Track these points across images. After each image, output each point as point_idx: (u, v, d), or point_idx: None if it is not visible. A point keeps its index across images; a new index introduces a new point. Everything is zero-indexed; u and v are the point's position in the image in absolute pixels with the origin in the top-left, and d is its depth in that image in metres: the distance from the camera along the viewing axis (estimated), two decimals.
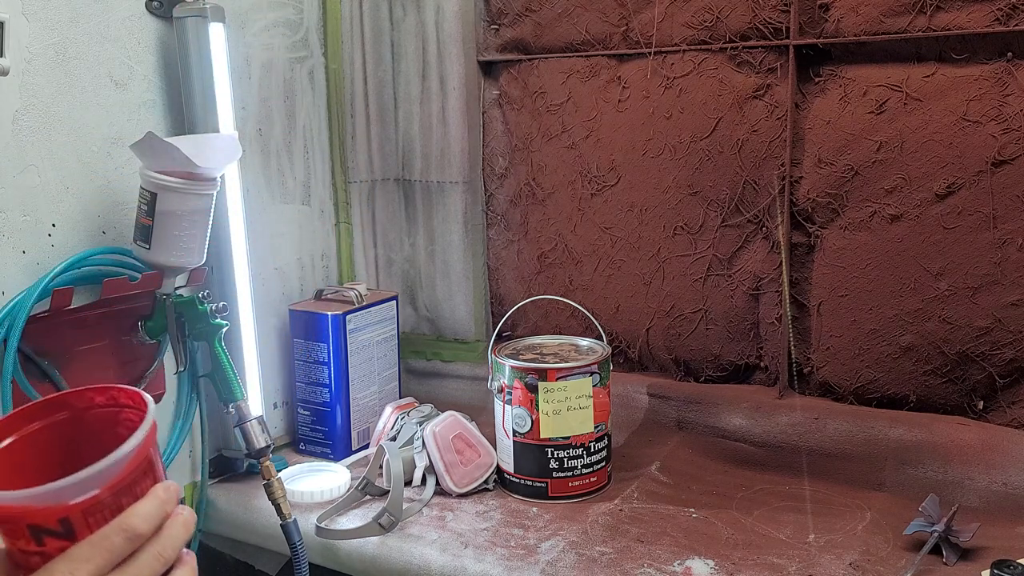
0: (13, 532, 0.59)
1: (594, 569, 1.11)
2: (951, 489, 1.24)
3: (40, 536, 0.58)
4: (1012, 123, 1.22)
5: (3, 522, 0.59)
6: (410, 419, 1.42)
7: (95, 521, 0.59)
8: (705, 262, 1.50)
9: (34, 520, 0.58)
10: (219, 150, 1.22)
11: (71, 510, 0.58)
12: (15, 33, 1.14)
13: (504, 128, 1.67)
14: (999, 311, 1.27)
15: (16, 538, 0.59)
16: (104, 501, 0.59)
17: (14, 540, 0.59)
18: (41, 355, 1.19)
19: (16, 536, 0.59)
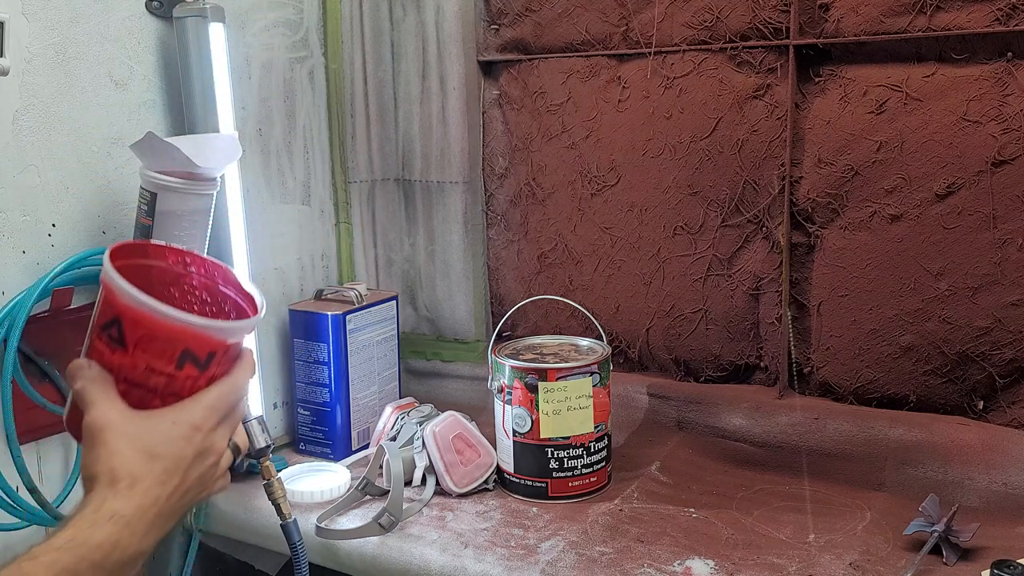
0: (163, 351, 0.65)
1: (594, 569, 1.11)
2: (951, 489, 1.24)
3: (184, 362, 0.65)
4: (1012, 123, 1.22)
5: (165, 339, 0.64)
6: (410, 419, 1.42)
7: (221, 363, 0.68)
8: (705, 262, 1.50)
9: (193, 346, 0.65)
10: (219, 150, 1.22)
11: (220, 347, 0.66)
12: (15, 33, 1.14)
13: (504, 128, 1.67)
14: (999, 311, 1.27)
15: (159, 356, 0.65)
16: (232, 351, 0.68)
17: (155, 358, 0.65)
18: (41, 355, 1.19)
19: (160, 354, 0.65)
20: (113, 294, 0.64)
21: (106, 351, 0.66)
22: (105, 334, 0.65)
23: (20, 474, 1.14)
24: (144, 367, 0.65)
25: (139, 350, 0.64)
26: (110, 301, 0.65)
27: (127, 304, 0.64)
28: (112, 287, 0.64)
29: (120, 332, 0.64)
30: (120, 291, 0.64)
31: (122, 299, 0.64)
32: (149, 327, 0.64)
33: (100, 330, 0.66)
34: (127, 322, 0.64)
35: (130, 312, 0.64)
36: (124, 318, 0.64)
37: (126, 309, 0.64)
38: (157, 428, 0.65)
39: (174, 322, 0.64)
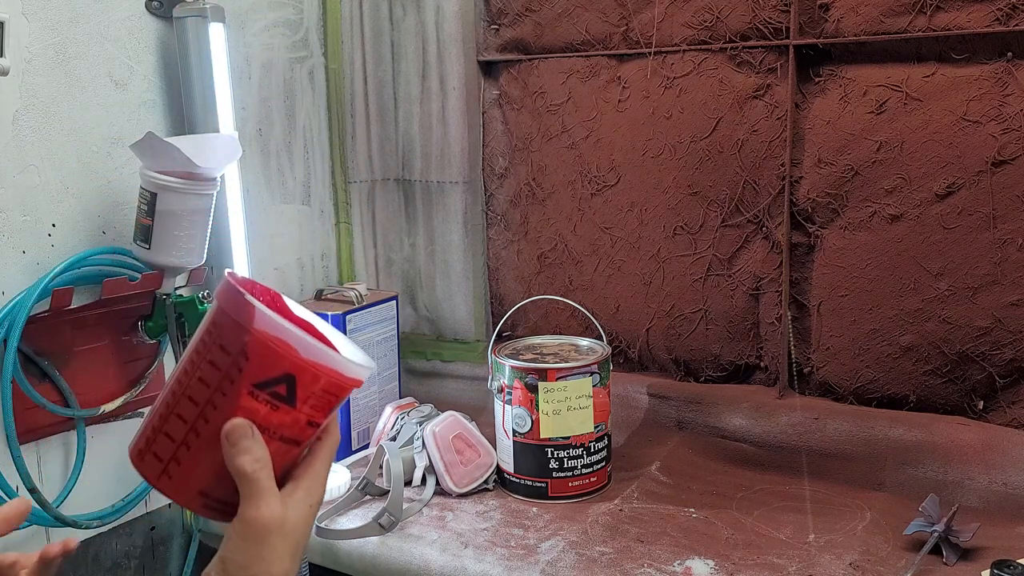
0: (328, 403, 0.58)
1: (594, 569, 1.11)
2: (951, 489, 1.24)
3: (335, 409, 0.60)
4: (1012, 123, 1.22)
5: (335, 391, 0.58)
6: (410, 419, 1.42)
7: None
8: (705, 262, 1.50)
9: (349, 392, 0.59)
10: (219, 150, 1.23)
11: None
12: (15, 33, 1.14)
13: (504, 128, 1.67)
14: (999, 311, 1.27)
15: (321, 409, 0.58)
16: None
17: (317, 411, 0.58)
18: (41, 355, 1.19)
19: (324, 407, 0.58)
20: (285, 348, 0.55)
21: (262, 410, 0.57)
22: (266, 392, 0.56)
23: (20, 474, 1.14)
24: (305, 422, 0.58)
25: (307, 405, 0.57)
26: (277, 356, 0.55)
27: (309, 360, 0.56)
28: (284, 339, 0.55)
29: (291, 390, 0.56)
30: (301, 345, 0.56)
31: (303, 354, 0.56)
32: (327, 380, 0.57)
33: (257, 388, 0.56)
34: (304, 378, 0.56)
35: (310, 368, 0.56)
36: (301, 375, 0.56)
37: (306, 365, 0.56)
38: (302, 518, 0.60)
39: (357, 373, 0.58)
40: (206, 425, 0.57)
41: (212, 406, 0.57)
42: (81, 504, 1.25)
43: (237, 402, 0.56)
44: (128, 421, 1.32)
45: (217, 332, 0.57)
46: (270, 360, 0.56)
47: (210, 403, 0.57)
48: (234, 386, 0.56)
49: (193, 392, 0.57)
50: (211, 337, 0.57)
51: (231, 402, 0.56)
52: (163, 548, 1.42)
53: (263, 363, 0.56)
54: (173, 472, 0.58)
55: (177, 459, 0.58)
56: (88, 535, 1.28)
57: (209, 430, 0.57)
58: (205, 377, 0.57)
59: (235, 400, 0.56)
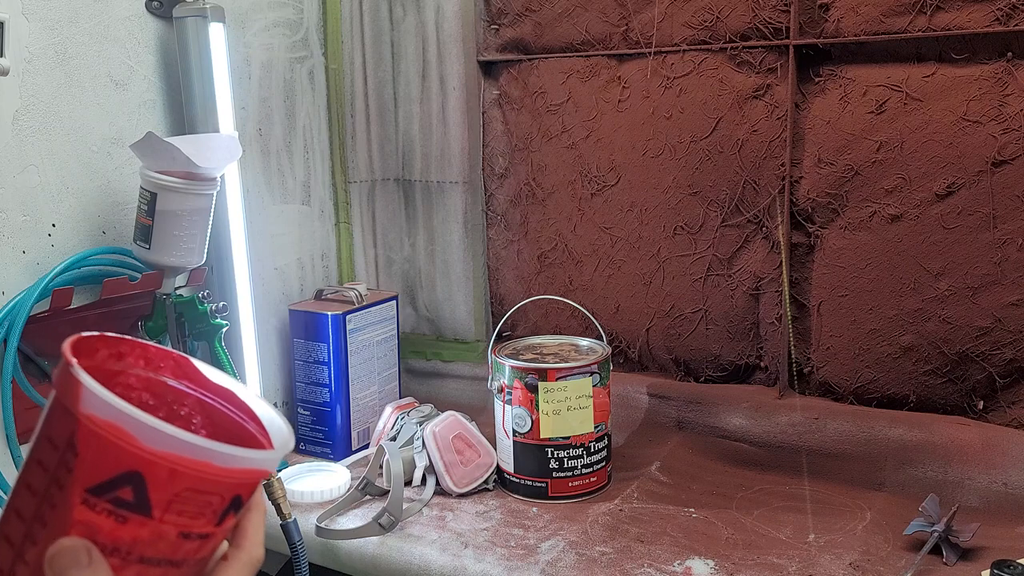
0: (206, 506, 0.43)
1: (594, 569, 1.11)
2: (951, 489, 1.24)
3: (227, 513, 0.44)
4: (1012, 123, 1.22)
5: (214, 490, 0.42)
6: (410, 419, 1.42)
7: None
8: (705, 262, 1.50)
9: (245, 489, 0.44)
10: (219, 150, 1.22)
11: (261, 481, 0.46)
12: (15, 33, 1.14)
13: (504, 128, 1.67)
14: (999, 311, 1.27)
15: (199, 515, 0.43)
16: None
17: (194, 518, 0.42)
18: (41, 355, 1.19)
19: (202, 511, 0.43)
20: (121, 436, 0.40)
21: (105, 524, 0.41)
22: (105, 499, 0.41)
23: None
24: (176, 535, 0.42)
25: (172, 512, 0.42)
26: (112, 448, 0.40)
27: (160, 452, 0.40)
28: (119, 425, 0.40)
29: (141, 493, 0.41)
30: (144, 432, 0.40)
31: (149, 444, 0.40)
32: (193, 478, 0.41)
33: (92, 495, 0.40)
34: (156, 477, 0.41)
35: (164, 462, 0.40)
36: (151, 471, 0.40)
37: (158, 458, 0.40)
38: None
39: (244, 463, 0.43)
40: (34, 548, 0.42)
41: (40, 522, 0.42)
42: None
43: (69, 515, 0.41)
44: None
45: (46, 421, 0.43)
46: (105, 455, 0.40)
47: (38, 518, 0.42)
48: (64, 492, 0.41)
49: (20, 504, 0.42)
50: (41, 428, 0.43)
51: (62, 515, 0.41)
52: None
53: (96, 459, 0.40)
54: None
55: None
56: None
57: (37, 555, 0.41)
58: (32, 483, 0.42)
59: (67, 512, 0.41)
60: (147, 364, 0.52)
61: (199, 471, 0.41)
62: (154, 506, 0.41)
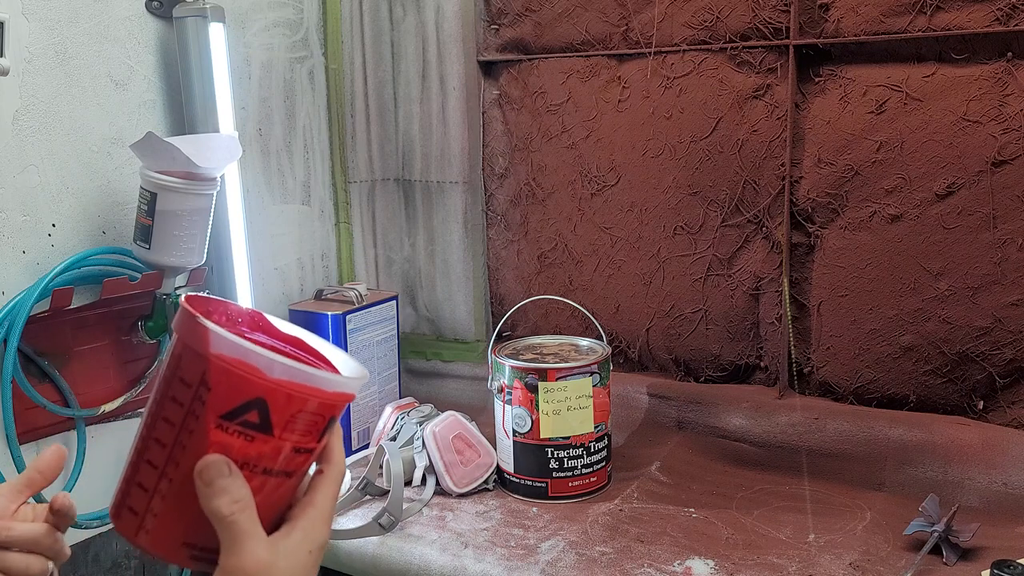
0: (313, 424, 0.52)
1: (594, 569, 1.11)
2: (951, 489, 1.24)
3: (326, 431, 0.54)
4: (1012, 123, 1.22)
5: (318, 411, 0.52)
6: (410, 419, 1.42)
7: None
8: (705, 262, 1.50)
9: (338, 410, 0.54)
10: (219, 150, 1.23)
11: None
12: (15, 33, 1.14)
13: (504, 128, 1.67)
14: (999, 311, 1.27)
15: (307, 432, 0.52)
16: None
17: (304, 435, 0.52)
18: (41, 355, 1.19)
19: (310, 429, 0.52)
20: (248, 370, 0.50)
21: (236, 443, 0.51)
22: (236, 423, 0.50)
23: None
24: (290, 450, 0.52)
25: (288, 431, 0.51)
26: (241, 380, 0.50)
27: (279, 380, 0.50)
28: (246, 361, 0.50)
29: (264, 416, 0.50)
30: (267, 365, 0.50)
31: (270, 375, 0.50)
32: (305, 400, 0.51)
33: (225, 420, 0.50)
34: (277, 401, 0.50)
35: (283, 389, 0.50)
36: (274, 397, 0.50)
37: (278, 385, 0.50)
38: (299, 566, 0.53)
39: (341, 387, 0.52)
40: (177, 469, 0.52)
41: (181, 447, 0.51)
42: (81, 504, 1.24)
43: (206, 438, 0.51)
44: (128, 421, 1.32)
45: (176, 364, 0.52)
46: (234, 386, 0.50)
47: (178, 444, 0.51)
48: (200, 421, 0.50)
49: (160, 434, 0.52)
50: (171, 371, 0.52)
51: (200, 439, 0.51)
52: None
53: (227, 391, 0.50)
54: (150, 526, 0.53)
55: (153, 511, 0.53)
56: (88, 535, 1.28)
57: (181, 474, 0.51)
58: (169, 416, 0.52)
59: (204, 436, 0.51)
60: (227, 320, 0.59)
61: (310, 395, 0.51)
62: (275, 426, 0.51)
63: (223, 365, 0.50)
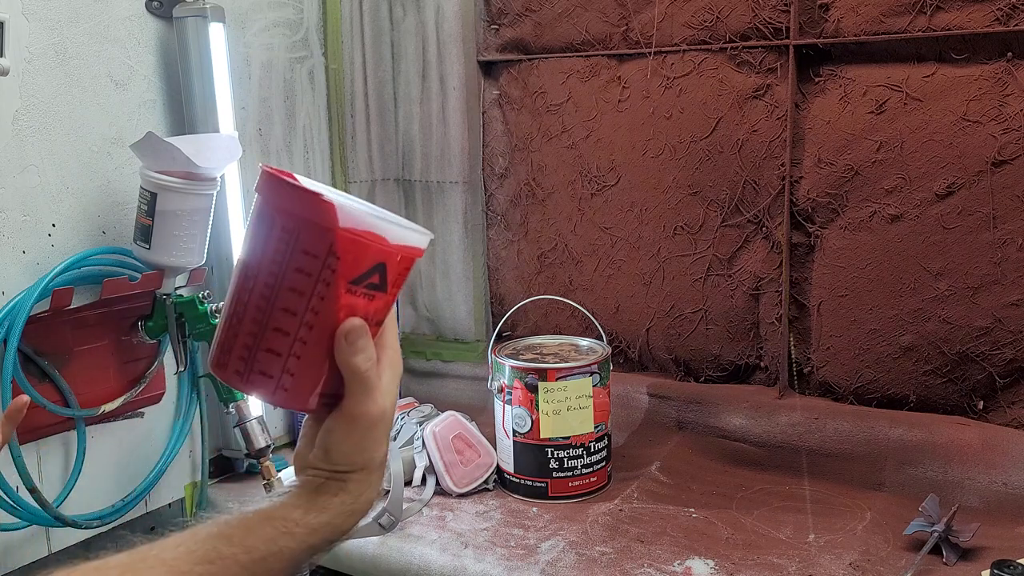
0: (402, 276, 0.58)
1: (594, 569, 1.11)
2: (951, 489, 1.24)
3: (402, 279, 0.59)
4: (1012, 123, 1.22)
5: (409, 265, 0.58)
6: (410, 419, 1.42)
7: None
8: (705, 262, 1.50)
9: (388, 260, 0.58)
10: (219, 150, 1.22)
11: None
12: (15, 33, 1.14)
13: (504, 128, 1.67)
14: (999, 311, 1.27)
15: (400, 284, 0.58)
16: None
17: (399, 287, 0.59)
18: (41, 355, 1.19)
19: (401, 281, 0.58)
20: (374, 239, 0.56)
21: (361, 303, 0.57)
22: (363, 286, 0.57)
23: (20, 474, 1.14)
24: (391, 299, 0.59)
25: (395, 287, 0.59)
26: (368, 249, 0.56)
27: (397, 245, 0.57)
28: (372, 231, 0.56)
29: (383, 277, 0.57)
30: (389, 233, 0.56)
31: (392, 241, 0.56)
32: (411, 259, 0.58)
33: (353, 284, 0.56)
34: (392, 263, 0.57)
35: (398, 252, 0.57)
36: (390, 260, 0.57)
37: (394, 250, 0.57)
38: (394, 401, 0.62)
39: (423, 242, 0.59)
40: (311, 332, 0.57)
41: (313, 312, 0.56)
42: (81, 504, 1.25)
43: (338, 302, 0.56)
44: (128, 421, 1.32)
45: (294, 239, 0.56)
46: (362, 254, 0.56)
47: (310, 310, 0.56)
48: (331, 288, 0.56)
49: (288, 303, 0.57)
50: (288, 245, 0.56)
51: (331, 304, 0.56)
52: None
53: (356, 259, 0.56)
54: (288, 384, 0.58)
55: (289, 371, 0.58)
56: (88, 535, 1.28)
57: (315, 336, 0.57)
58: (296, 286, 0.56)
59: (336, 301, 0.56)
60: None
61: (413, 252, 0.58)
62: (390, 284, 0.58)
63: (352, 236, 0.55)
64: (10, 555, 1.19)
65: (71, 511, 1.22)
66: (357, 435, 0.59)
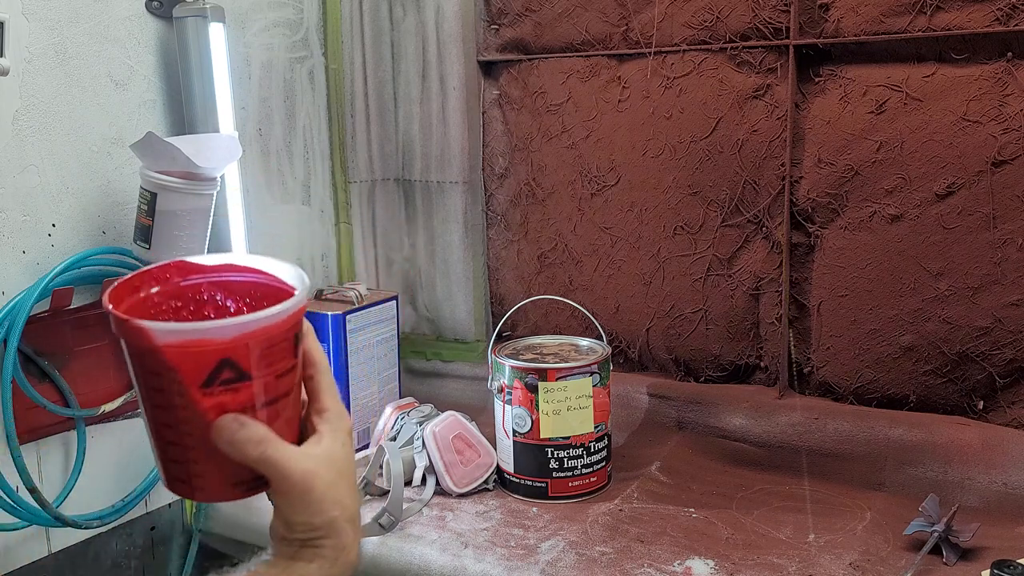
0: (280, 352, 0.57)
1: (594, 569, 1.11)
2: (951, 489, 1.24)
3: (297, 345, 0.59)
4: (1012, 123, 1.22)
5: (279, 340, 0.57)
6: (410, 419, 1.42)
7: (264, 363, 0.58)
8: (705, 262, 1.50)
9: (299, 326, 0.59)
10: (219, 150, 1.23)
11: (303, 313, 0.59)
12: (15, 33, 1.14)
13: (504, 128, 1.67)
14: (999, 311, 1.27)
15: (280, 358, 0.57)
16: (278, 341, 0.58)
17: (278, 361, 0.57)
18: (41, 355, 1.19)
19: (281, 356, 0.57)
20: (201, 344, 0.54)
21: (230, 397, 0.56)
22: (216, 386, 0.55)
23: (20, 474, 1.14)
24: (274, 377, 0.57)
25: (262, 368, 0.57)
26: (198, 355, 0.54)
27: (233, 338, 0.54)
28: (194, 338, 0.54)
29: (236, 369, 0.55)
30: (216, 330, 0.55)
31: (223, 337, 0.54)
32: (266, 337, 0.56)
33: (204, 387, 0.55)
34: (239, 352, 0.55)
35: (240, 342, 0.55)
36: (235, 351, 0.55)
37: (233, 342, 0.55)
38: (338, 454, 0.60)
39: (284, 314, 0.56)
40: (193, 437, 0.57)
41: (184, 421, 0.57)
42: (81, 504, 1.25)
43: (200, 407, 0.56)
44: (128, 421, 1.32)
45: (139, 362, 0.56)
46: (198, 360, 0.55)
47: (181, 420, 0.57)
48: (186, 397, 0.55)
49: (162, 418, 0.58)
50: (137, 368, 0.57)
51: (195, 409, 0.56)
52: (163, 548, 1.42)
53: (194, 366, 0.55)
54: (202, 484, 0.60)
55: (196, 474, 0.59)
56: (88, 535, 1.28)
57: (197, 439, 0.57)
58: (159, 402, 0.57)
59: (197, 406, 0.56)
60: (157, 281, 0.62)
61: (266, 331, 0.56)
62: (251, 370, 0.56)
63: (178, 348, 0.54)
64: (10, 555, 1.19)
65: (71, 511, 1.22)
66: (300, 503, 0.59)
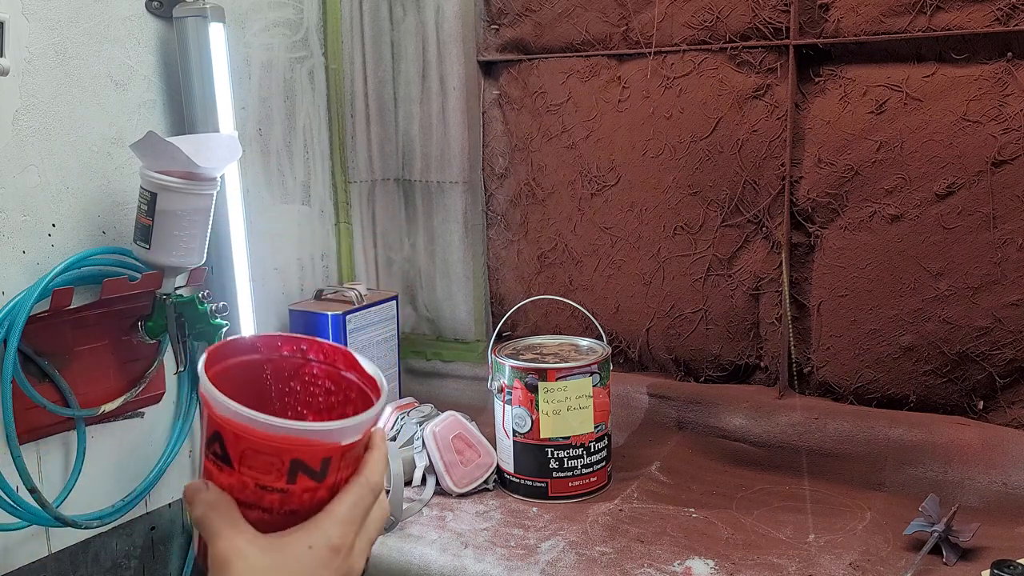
0: (270, 464, 0.56)
1: (594, 569, 1.11)
2: (951, 489, 1.24)
3: (296, 474, 0.57)
4: (1012, 123, 1.22)
5: (269, 451, 0.55)
6: (410, 419, 1.42)
7: (341, 467, 0.58)
8: (705, 262, 1.50)
9: (303, 455, 0.56)
10: (219, 150, 1.22)
11: (335, 451, 0.57)
12: (15, 33, 1.14)
13: (504, 128, 1.67)
14: (999, 311, 1.27)
15: (266, 471, 0.56)
16: (355, 449, 0.59)
17: (263, 473, 0.56)
18: (41, 355, 1.19)
19: (268, 469, 0.56)
20: (210, 406, 0.57)
21: (215, 471, 0.58)
22: (211, 452, 0.58)
23: (20, 474, 1.14)
24: (253, 485, 0.57)
25: (244, 466, 0.56)
26: (209, 414, 0.57)
27: (223, 416, 0.56)
28: (207, 398, 0.57)
29: (223, 448, 0.57)
30: (214, 401, 0.56)
31: (217, 411, 0.56)
32: (250, 440, 0.56)
33: (206, 448, 0.58)
34: (227, 436, 0.56)
35: (229, 425, 0.56)
36: (224, 432, 0.56)
37: (224, 422, 0.56)
38: (292, 555, 0.56)
39: (273, 431, 0.56)
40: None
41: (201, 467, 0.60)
42: (81, 504, 1.25)
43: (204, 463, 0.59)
44: (128, 421, 1.32)
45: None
46: (207, 420, 0.58)
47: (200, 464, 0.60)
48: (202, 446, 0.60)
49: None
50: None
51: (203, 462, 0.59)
52: (163, 548, 1.42)
53: (205, 423, 0.58)
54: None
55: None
56: (88, 535, 1.28)
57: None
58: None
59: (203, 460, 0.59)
60: (325, 358, 0.66)
61: (248, 433, 0.55)
62: (232, 459, 0.56)
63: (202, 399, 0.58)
64: (10, 555, 1.19)
65: (71, 511, 1.22)
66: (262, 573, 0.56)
